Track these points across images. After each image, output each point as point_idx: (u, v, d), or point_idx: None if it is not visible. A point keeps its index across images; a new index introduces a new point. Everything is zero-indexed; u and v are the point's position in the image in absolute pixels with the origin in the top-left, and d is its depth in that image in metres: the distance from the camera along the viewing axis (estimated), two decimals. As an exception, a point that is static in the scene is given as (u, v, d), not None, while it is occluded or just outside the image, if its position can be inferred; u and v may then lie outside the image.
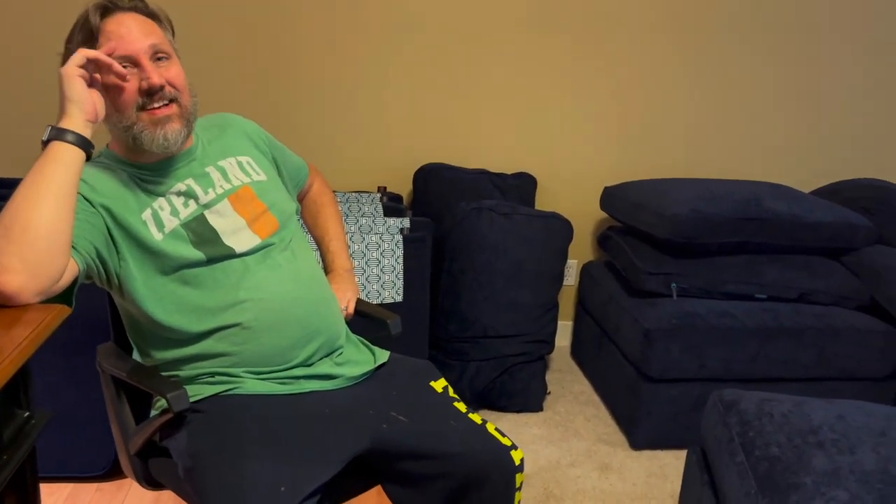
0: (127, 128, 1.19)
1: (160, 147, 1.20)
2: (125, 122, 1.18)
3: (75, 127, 1.07)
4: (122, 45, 1.15)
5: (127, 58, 1.16)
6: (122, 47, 1.15)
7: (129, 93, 1.16)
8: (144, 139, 1.19)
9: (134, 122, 1.18)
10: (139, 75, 1.16)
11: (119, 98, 1.16)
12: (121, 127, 1.19)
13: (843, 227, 2.31)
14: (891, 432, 1.48)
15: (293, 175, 1.54)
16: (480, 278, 2.36)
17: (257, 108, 2.56)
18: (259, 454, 1.05)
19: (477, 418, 1.29)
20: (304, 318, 1.27)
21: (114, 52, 1.14)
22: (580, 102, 2.73)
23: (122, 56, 1.15)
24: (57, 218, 1.02)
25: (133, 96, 1.16)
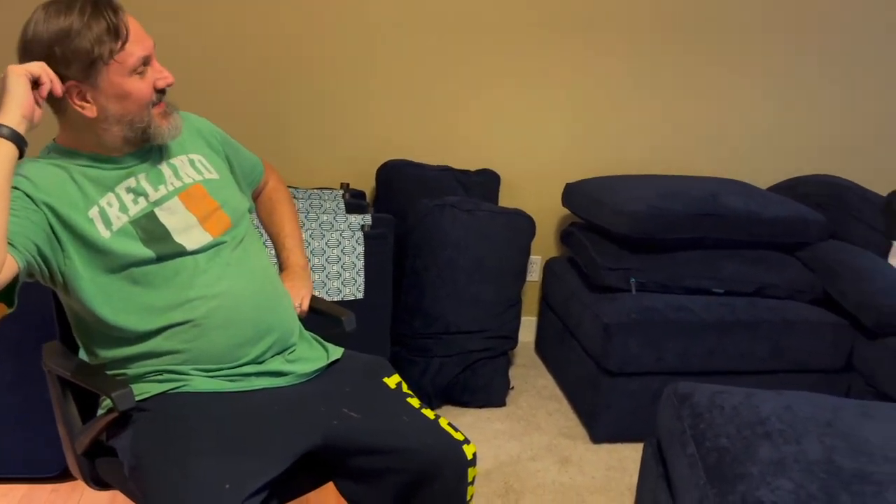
0: (145, 126, 1.21)
1: (170, 137, 1.26)
2: (143, 121, 1.21)
3: (10, 122, 1.06)
4: (141, 45, 1.18)
5: (145, 59, 1.18)
6: (142, 48, 1.18)
7: (147, 92, 1.19)
8: (160, 133, 1.24)
9: (150, 118, 1.21)
10: (153, 74, 1.20)
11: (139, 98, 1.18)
12: (138, 125, 1.21)
13: (798, 222, 2.36)
14: (836, 423, 1.51)
15: (247, 173, 1.53)
16: (443, 275, 2.37)
17: (217, 104, 2.54)
18: (204, 452, 1.04)
19: (430, 413, 1.29)
20: (256, 316, 1.26)
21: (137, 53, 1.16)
22: (544, 100, 2.74)
23: (145, 56, 1.18)
24: None
25: (150, 95, 1.20)
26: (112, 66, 1.14)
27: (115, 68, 1.14)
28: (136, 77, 1.17)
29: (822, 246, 2.42)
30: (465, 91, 2.68)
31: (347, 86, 2.61)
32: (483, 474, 2.07)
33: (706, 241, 2.31)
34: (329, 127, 2.64)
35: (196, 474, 1.00)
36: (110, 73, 1.14)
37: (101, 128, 1.20)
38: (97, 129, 1.20)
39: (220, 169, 1.40)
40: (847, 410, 1.57)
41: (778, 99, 2.87)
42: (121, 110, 1.18)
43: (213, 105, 2.53)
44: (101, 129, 1.20)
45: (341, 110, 2.63)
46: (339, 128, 2.65)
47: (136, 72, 1.17)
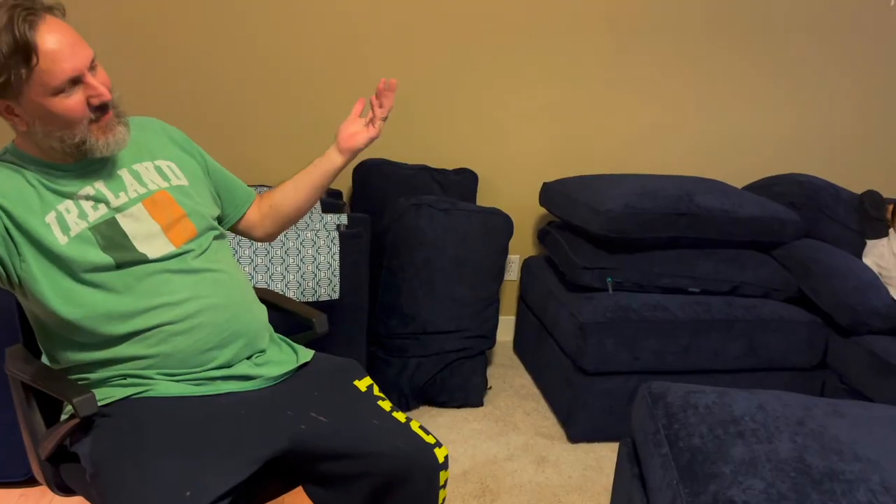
0: (77, 143, 1.15)
1: (112, 151, 1.19)
2: (77, 137, 1.14)
3: None
4: (66, 64, 1.08)
5: (73, 79, 1.10)
6: (69, 67, 1.09)
7: (79, 111, 1.12)
8: (98, 147, 1.17)
9: (86, 135, 1.15)
10: (85, 92, 1.12)
11: (70, 118, 1.12)
12: (69, 142, 1.15)
13: (773, 221, 2.37)
14: (808, 421, 1.52)
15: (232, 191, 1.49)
16: (420, 274, 2.36)
17: (188, 104, 2.50)
18: (164, 457, 1.03)
19: (401, 416, 1.28)
20: (222, 322, 1.24)
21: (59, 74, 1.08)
22: (522, 99, 2.74)
23: (69, 77, 1.09)
24: None
25: (84, 114, 1.13)
26: (31, 86, 1.07)
27: (35, 89, 1.07)
28: (62, 96, 1.10)
29: (796, 245, 2.43)
30: (443, 90, 2.67)
31: (325, 84, 2.58)
32: (460, 474, 2.06)
33: (682, 240, 2.32)
34: (306, 126, 2.62)
35: (156, 480, 0.98)
36: (31, 93, 1.08)
37: (36, 139, 1.16)
38: (34, 139, 1.16)
39: (192, 175, 1.37)
40: (819, 409, 1.58)
41: (753, 99, 2.89)
42: (48, 127, 1.13)
43: (188, 105, 2.50)
44: (37, 139, 1.16)
45: (318, 109, 2.61)
46: (316, 126, 2.63)
47: (60, 91, 1.09)
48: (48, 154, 1.19)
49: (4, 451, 1.81)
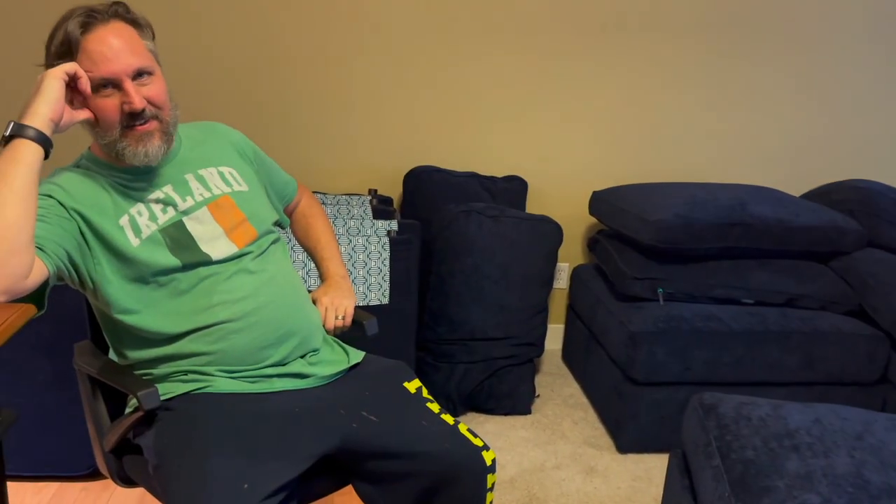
0: (109, 143, 1.21)
1: (141, 161, 1.23)
2: (108, 138, 1.21)
3: (38, 124, 1.09)
4: (104, 66, 1.15)
5: (109, 80, 1.17)
6: (104, 69, 1.15)
7: (111, 113, 1.18)
8: (127, 154, 1.22)
9: (117, 139, 1.21)
10: (121, 97, 1.18)
11: (102, 118, 1.18)
12: (104, 142, 1.22)
13: (831, 230, 2.31)
14: (867, 437, 1.48)
15: (279, 189, 1.56)
16: (469, 281, 2.37)
17: (245, 113, 2.58)
18: (223, 451, 1.06)
19: (449, 419, 1.29)
20: (278, 320, 1.28)
21: (94, 74, 1.15)
22: (572, 106, 2.73)
23: (103, 78, 1.16)
24: (17, 215, 1.03)
25: (116, 117, 1.19)
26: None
27: (80, 83, 1.15)
28: (101, 96, 1.17)
29: (856, 256, 2.36)
30: (493, 97, 2.69)
31: (375, 93, 2.63)
32: (507, 482, 2.06)
33: (735, 250, 2.28)
34: (357, 134, 2.67)
35: (215, 473, 1.02)
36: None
37: (95, 139, 1.25)
38: (96, 140, 1.25)
39: (251, 182, 1.42)
40: (878, 424, 1.53)
41: (811, 104, 2.83)
42: (93, 125, 1.20)
43: (241, 114, 2.57)
44: (96, 140, 1.24)
45: (370, 117, 2.65)
46: (367, 135, 2.67)
47: (100, 89, 1.16)
48: (117, 159, 1.24)
49: (67, 446, 1.89)
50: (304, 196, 1.65)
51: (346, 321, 1.42)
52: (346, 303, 1.43)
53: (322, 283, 1.50)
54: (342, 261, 1.56)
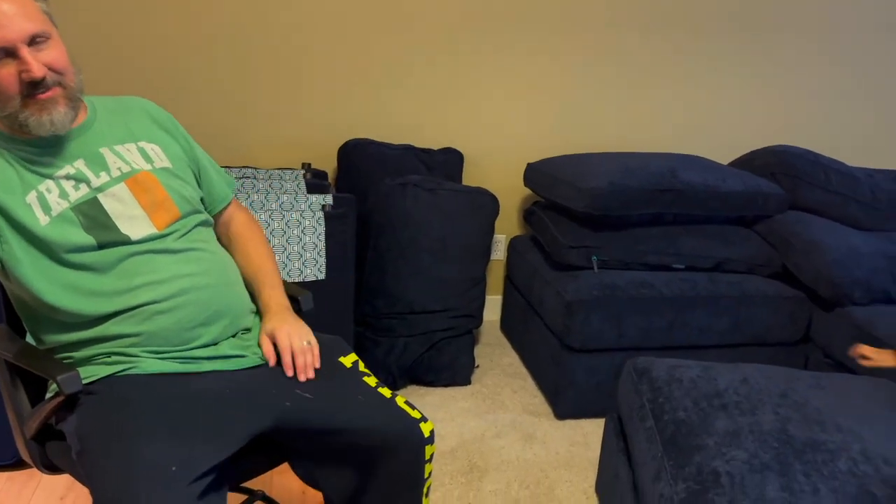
0: (11, 115, 1.14)
1: (47, 131, 1.17)
2: (8, 110, 1.14)
3: None
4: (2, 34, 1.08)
5: (2, 49, 1.09)
6: (2, 38, 1.08)
7: (9, 84, 1.11)
8: (31, 124, 1.15)
9: (18, 110, 1.14)
10: (18, 66, 1.11)
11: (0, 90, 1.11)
12: (4, 115, 1.15)
13: (755, 195, 2.38)
14: (791, 394, 1.54)
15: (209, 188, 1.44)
16: (406, 254, 2.36)
17: (169, 85, 2.48)
18: (150, 434, 1.03)
19: (386, 392, 1.28)
20: (206, 300, 1.24)
21: None
22: (507, 78, 2.73)
23: None
24: None
25: (14, 87, 1.12)
26: None
27: None
28: None
29: (779, 219, 2.45)
30: (427, 70, 2.66)
31: (307, 64, 2.56)
32: (447, 452, 2.07)
33: (666, 216, 2.33)
34: (290, 106, 2.60)
35: (141, 456, 0.98)
36: None
37: None
38: None
39: (176, 158, 1.36)
40: (801, 382, 1.60)
41: (737, 76, 2.89)
42: None
43: (165, 86, 2.48)
44: None
45: (302, 89, 2.59)
46: (299, 107, 2.61)
47: None
48: (21, 131, 1.17)
49: (-10, 435, 1.81)
50: (240, 212, 1.52)
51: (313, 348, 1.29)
52: (304, 331, 1.31)
53: (265, 313, 1.35)
54: (283, 291, 1.42)
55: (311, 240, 2.09)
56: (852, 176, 2.44)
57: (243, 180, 2.29)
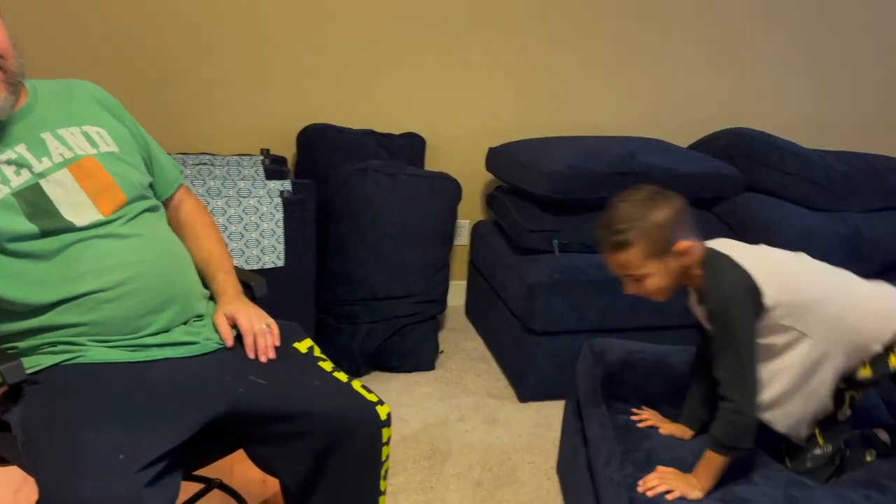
0: None
1: None
2: None
3: None
4: None
5: None
6: None
7: None
8: None
9: None
10: None
11: None
12: None
13: (713, 177, 2.41)
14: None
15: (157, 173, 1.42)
16: (367, 240, 2.35)
17: (120, 71, 2.43)
18: (96, 422, 1.01)
19: (342, 376, 1.28)
20: (156, 288, 1.22)
21: None
22: (468, 63, 2.72)
23: None
24: None
25: None
26: None
27: None
28: None
29: (736, 200, 2.48)
30: (388, 54, 2.64)
31: (267, 49, 2.53)
32: (410, 437, 2.08)
33: (626, 200, 2.34)
34: (249, 92, 2.57)
35: (87, 445, 0.97)
36: None
37: None
38: None
39: (122, 142, 1.33)
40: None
41: (697, 59, 2.92)
42: None
43: (116, 72, 2.43)
44: None
45: (262, 74, 2.55)
46: (259, 93, 2.57)
47: None
48: None
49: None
50: (189, 198, 1.50)
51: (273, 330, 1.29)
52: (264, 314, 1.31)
53: (221, 296, 1.34)
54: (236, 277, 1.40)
55: (270, 226, 2.07)
56: (807, 157, 2.48)
57: (200, 167, 2.25)
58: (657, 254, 1.24)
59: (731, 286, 1.21)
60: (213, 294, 1.37)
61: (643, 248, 1.23)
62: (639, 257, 1.24)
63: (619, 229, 1.24)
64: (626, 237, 1.23)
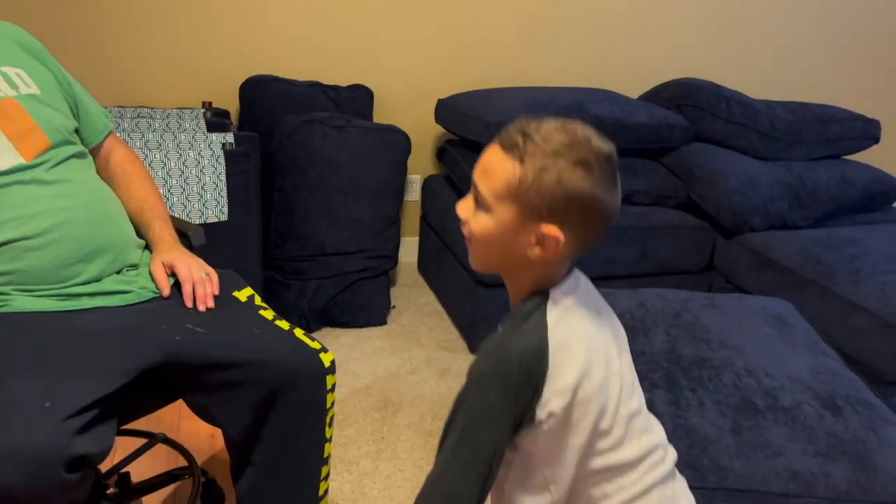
0: None
1: None
2: None
3: None
4: None
5: None
6: None
7: None
8: None
9: None
10: None
11: None
12: None
13: (661, 127, 2.43)
14: (683, 314, 1.59)
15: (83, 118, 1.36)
16: (315, 194, 2.31)
17: (58, 19, 2.32)
18: (22, 372, 0.97)
19: (284, 325, 1.26)
20: (85, 236, 1.17)
21: None
22: (415, 12, 2.66)
23: None
24: None
25: None
26: None
27: None
28: None
29: (684, 150, 2.50)
30: (333, 3, 2.56)
31: (204, -3, 2.44)
32: (362, 389, 2.08)
33: (574, 150, 2.34)
34: (187, 41, 2.47)
35: (12, 393, 0.93)
36: None
37: None
38: None
39: (45, 84, 1.27)
40: (695, 302, 1.65)
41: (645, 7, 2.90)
42: None
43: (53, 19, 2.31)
44: None
45: (200, 23, 2.46)
46: (197, 42, 2.48)
47: None
48: None
49: None
50: (119, 146, 1.43)
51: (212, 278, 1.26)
52: (203, 263, 1.28)
53: (157, 244, 1.30)
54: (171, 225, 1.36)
55: (212, 180, 2.02)
56: (753, 107, 2.51)
57: (138, 120, 2.18)
58: (526, 206, 0.84)
59: None
60: (149, 242, 1.33)
61: (523, 182, 0.83)
62: (507, 183, 0.84)
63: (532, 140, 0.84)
64: (527, 152, 0.83)
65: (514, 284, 0.94)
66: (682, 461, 1.16)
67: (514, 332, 0.87)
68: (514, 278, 0.94)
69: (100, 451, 0.98)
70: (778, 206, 2.33)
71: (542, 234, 0.85)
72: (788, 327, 1.58)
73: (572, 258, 0.91)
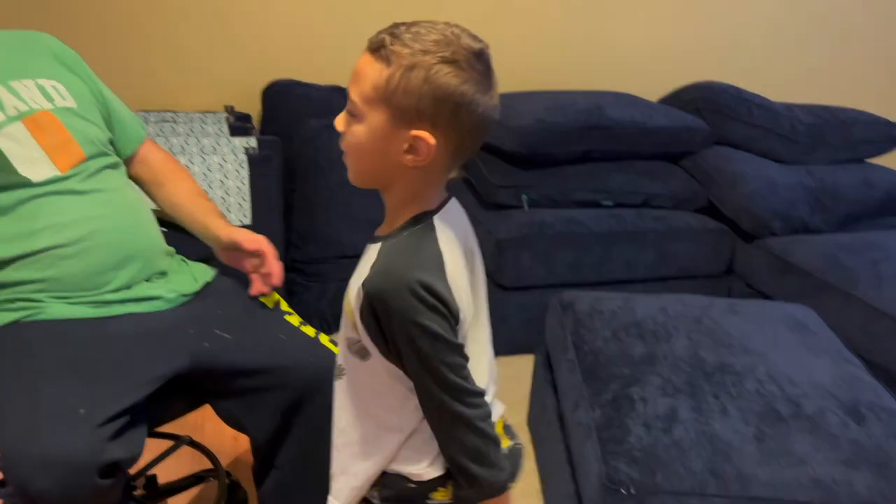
0: None
1: None
2: None
3: None
4: None
5: None
6: None
7: None
8: None
9: None
10: None
11: None
12: None
13: (681, 130, 2.42)
14: (704, 320, 1.59)
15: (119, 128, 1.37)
16: (335, 197, 2.33)
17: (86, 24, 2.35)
18: (57, 378, 1.00)
19: (310, 331, 1.28)
20: (116, 244, 1.19)
21: None
22: (436, 16, 2.66)
23: None
24: None
25: None
26: None
27: None
28: None
29: (703, 154, 2.50)
30: (355, 7, 2.58)
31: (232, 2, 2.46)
32: (382, 392, 2.09)
33: (594, 154, 2.34)
34: (210, 46, 2.50)
35: (48, 400, 0.96)
36: None
37: None
38: None
39: (81, 97, 1.28)
40: (715, 308, 1.66)
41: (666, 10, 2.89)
42: None
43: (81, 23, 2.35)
44: None
45: (226, 29, 2.49)
46: (221, 47, 2.51)
47: None
48: None
49: None
50: (156, 150, 1.44)
51: None
52: None
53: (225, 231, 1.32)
54: None
55: (235, 184, 2.04)
56: (773, 110, 2.50)
57: (162, 124, 2.21)
58: (395, 109, 0.82)
59: None
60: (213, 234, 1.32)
61: (390, 83, 0.82)
62: (375, 86, 0.83)
63: (399, 39, 0.85)
64: (394, 52, 0.83)
65: (392, 199, 0.93)
66: (704, 469, 1.17)
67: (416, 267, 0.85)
68: (391, 193, 0.92)
69: (131, 456, 1.00)
70: (799, 209, 2.32)
71: (413, 138, 0.82)
72: (811, 333, 1.58)
73: (448, 168, 0.89)
